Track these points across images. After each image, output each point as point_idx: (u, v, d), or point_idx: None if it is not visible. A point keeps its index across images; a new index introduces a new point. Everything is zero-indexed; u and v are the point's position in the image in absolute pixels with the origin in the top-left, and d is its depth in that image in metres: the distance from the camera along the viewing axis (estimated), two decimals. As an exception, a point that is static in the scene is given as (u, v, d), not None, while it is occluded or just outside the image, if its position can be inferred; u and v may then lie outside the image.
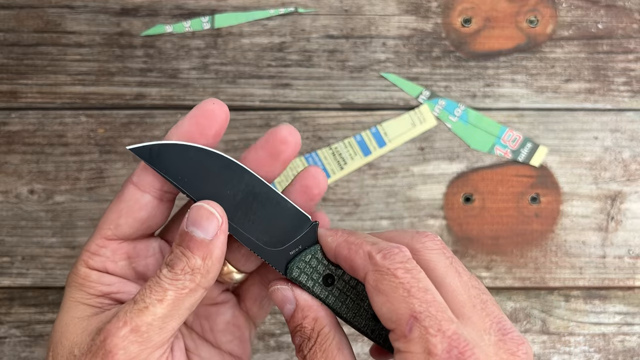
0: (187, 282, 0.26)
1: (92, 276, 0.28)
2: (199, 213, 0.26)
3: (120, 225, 0.28)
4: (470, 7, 0.49)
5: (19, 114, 0.48)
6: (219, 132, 0.29)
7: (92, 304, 0.28)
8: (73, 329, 0.26)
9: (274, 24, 0.49)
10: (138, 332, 0.25)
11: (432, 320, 0.23)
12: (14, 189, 0.48)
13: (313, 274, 0.28)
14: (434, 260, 0.26)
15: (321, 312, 0.27)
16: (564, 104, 0.49)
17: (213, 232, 0.26)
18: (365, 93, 0.49)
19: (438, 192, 0.49)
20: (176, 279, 0.25)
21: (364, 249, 0.26)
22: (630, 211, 0.49)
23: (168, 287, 0.25)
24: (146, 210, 0.28)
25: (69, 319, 0.27)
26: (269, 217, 0.28)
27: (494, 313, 0.25)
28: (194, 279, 0.26)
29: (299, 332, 0.27)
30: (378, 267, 0.25)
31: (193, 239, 0.26)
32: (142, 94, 0.48)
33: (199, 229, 0.26)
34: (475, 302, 0.25)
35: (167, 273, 0.25)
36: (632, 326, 0.49)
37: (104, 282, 0.28)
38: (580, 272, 0.49)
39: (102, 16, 0.48)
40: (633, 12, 0.50)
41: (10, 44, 0.48)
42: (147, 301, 0.25)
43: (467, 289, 0.26)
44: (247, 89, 0.48)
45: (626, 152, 0.49)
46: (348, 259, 0.26)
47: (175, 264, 0.26)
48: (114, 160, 0.48)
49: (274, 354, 0.48)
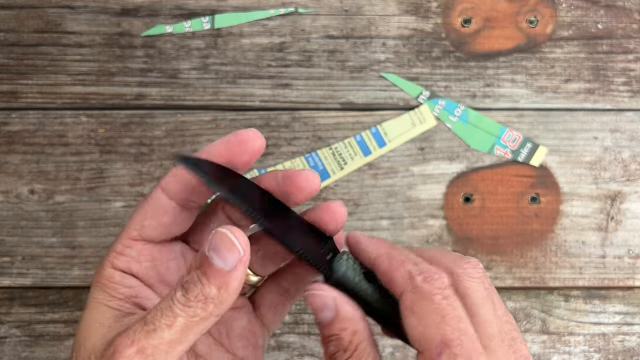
0: (199, 310, 0.25)
1: (115, 277, 0.28)
2: (222, 240, 0.25)
3: (145, 227, 0.28)
4: (470, 7, 0.49)
5: (19, 114, 0.48)
6: (249, 162, 0.29)
7: (113, 306, 0.28)
8: (94, 333, 0.27)
9: (274, 24, 0.49)
10: (144, 354, 0.24)
11: (462, 349, 0.24)
12: (15, 189, 0.48)
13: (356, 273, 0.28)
14: (473, 288, 0.26)
15: (360, 326, 0.27)
16: (564, 104, 0.49)
17: (232, 264, 0.25)
18: (365, 93, 0.49)
19: (438, 192, 0.49)
20: (188, 306, 0.25)
21: (405, 267, 0.26)
22: (630, 211, 0.49)
23: (179, 312, 0.25)
24: (169, 215, 0.28)
25: (91, 322, 0.27)
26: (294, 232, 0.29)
27: (520, 351, 0.26)
28: (206, 308, 0.25)
29: (335, 342, 0.27)
30: (417, 289, 0.25)
31: (211, 267, 0.25)
32: (142, 94, 0.48)
33: (218, 257, 0.25)
34: (504, 337, 0.26)
35: (180, 297, 0.25)
36: (632, 326, 0.49)
37: (126, 284, 0.28)
38: (580, 272, 0.49)
39: (102, 16, 0.49)
40: (633, 12, 0.50)
41: (11, 44, 0.48)
42: (157, 324, 0.25)
43: (500, 324, 0.26)
44: (247, 89, 0.49)
45: (626, 152, 0.49)
46: (387, 273, 0.27)
47: (189, 289, 0.25)
48: (115, 160, 0.48)
49: (274, 353, 0.48)
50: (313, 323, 0.48)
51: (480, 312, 0.26)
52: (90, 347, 0.26)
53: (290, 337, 0.48)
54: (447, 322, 0.25)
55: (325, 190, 0.48)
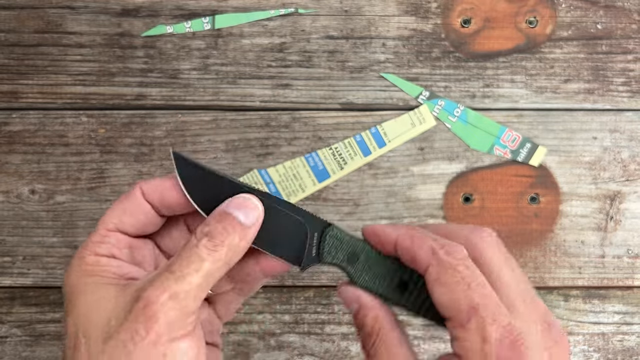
0: (223, 255, 0.28)
1: (102, 261, 0.29)
2: (245, 202, 0.29)
3: (124, 223, 0.30)
4: (470, 8, 0.49)
5: (20, 114, 0.48)
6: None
7: (112, 282, 0.29)
8: (103, 305, 0.27)
9: (274, 25, 0.49)
10: (177, 300, 0.26)
11: (489, 312, 0.26)
12: (15, 189, 0.48)
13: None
14: (491, 254, 0.29)
15: (380, 312, 0.30)
16: (563, 104, 0.49)
17: (253, 220, 0.29)
18: (365, 93, 0.49)
19: (438, 192, 0.49)
20: (214, 250, 0.28)
21: (427, 244, 0.28)
22: (629, 211, 0.49)
23: (206, 257, 0.27)
24: (146, 217, 0.31)
25: (95, 300, 0.28)
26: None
27: (540, 307, 0.28)
28: (228, 254, 0.28)
29: (363, 330, 0.30)
30: (441, 262, 0.28)
31: (235, 221, 0.29)
32: (142, 94, 0.48)
33: (242, 214, 0.29)
34: (525, 297, 0.28)
35: (206, 243, 0.28)
36: (631, 326, 0.49)
37: (113, 265, 0.30)
38: (580, 271, 0.49)
39: (102, 17, 0.49)
40: (632, 13, 0.50)
41: (11, 45, 0.48)
42: (185, 271, 0.27)
43: (518, 284, 0.28)
44: (248, 89, 0.49)
45: (625, 152, 0.49)
46: (410, 251, 0.29)
47: (215, 235, 0.28)
48: (115, 161, 0.48)
49: (274, 353, 0.48)
50: (313, 323, 0.49)
51: (501, 276, 0.28)
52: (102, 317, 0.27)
53: (290, 337, 0.48)
54: (473, 288, 0.27)
55: (325, 190, 0.49)
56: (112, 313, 0.27)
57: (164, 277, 0.27)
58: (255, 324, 0.48)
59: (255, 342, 0.48)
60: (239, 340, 0.48)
